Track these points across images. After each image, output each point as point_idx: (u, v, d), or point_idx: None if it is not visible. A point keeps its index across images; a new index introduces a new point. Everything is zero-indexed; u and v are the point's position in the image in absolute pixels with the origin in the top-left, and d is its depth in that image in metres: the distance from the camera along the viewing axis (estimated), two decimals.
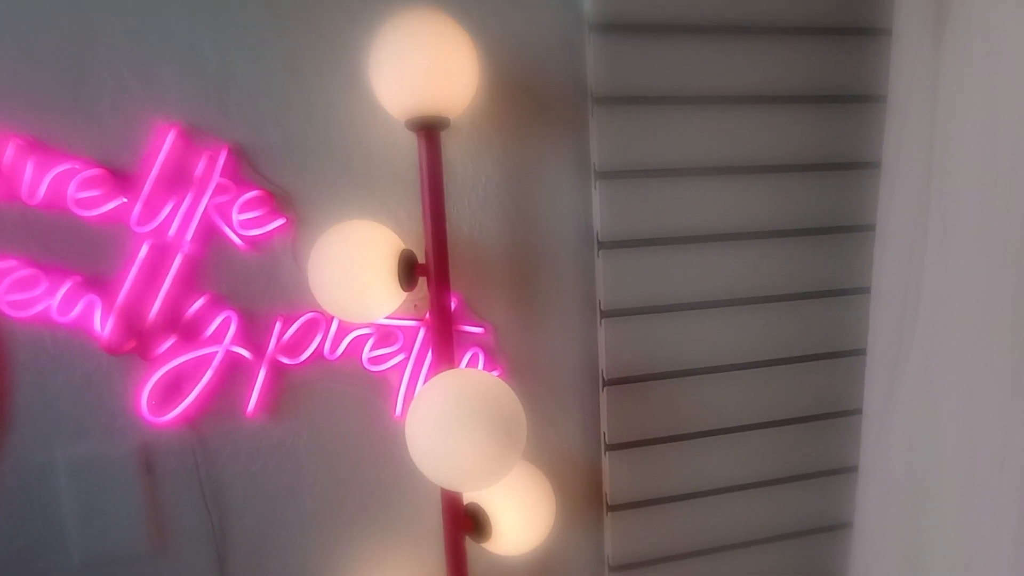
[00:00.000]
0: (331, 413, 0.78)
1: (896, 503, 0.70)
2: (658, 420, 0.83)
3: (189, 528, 0.77)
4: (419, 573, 0.83)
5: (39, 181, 0.67)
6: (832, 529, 0.92)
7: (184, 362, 0.72)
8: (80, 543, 0.74)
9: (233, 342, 0.73)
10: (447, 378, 0.61)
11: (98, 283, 0.70)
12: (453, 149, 0.76)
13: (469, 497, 0.74)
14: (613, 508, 0.84)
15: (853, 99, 0.82)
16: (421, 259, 0.70)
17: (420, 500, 0.81)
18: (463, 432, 0.57)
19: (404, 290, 0.68)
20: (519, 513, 0.75)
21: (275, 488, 0.78)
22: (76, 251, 0.69)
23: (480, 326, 0.79)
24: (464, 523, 0.73)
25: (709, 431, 0.85)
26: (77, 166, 0.67)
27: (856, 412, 0.87)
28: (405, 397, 0.78)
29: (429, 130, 0.66)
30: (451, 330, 0.70)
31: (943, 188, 0.61)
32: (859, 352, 0.86)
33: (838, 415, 0.89)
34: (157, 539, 0.76)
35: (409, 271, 0.68)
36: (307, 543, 0.80)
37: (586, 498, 0.86)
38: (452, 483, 0.61)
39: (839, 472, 0.90)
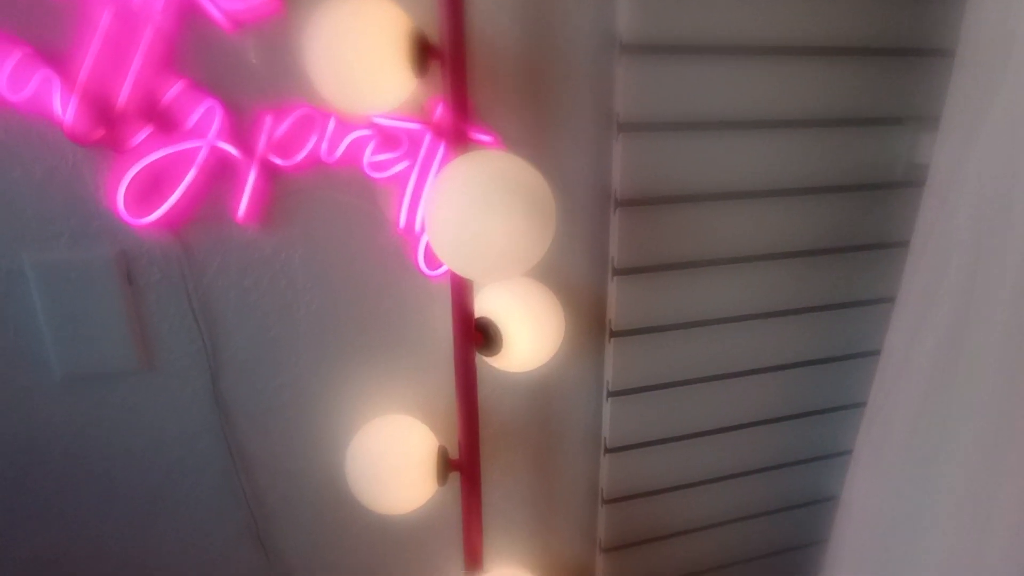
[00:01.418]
0: (329, 224, 0.72)
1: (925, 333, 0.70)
2: (669, 246, 0.81)
3: (178, 344, 0.72)
4: (421, 394, 0.82)
5: None
6: (847, 358, 0.95)
7: (164, 157, 0.64)
8: (61, 358, 0.69)
9: (218, 137, 0.65)
10: (471, 158, 0.56)
11: (54, 57, 0.60)
12: None
13: (479, 311, 0.71)
14: (616, 334, 0.83)
15: None
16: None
17: (424, 317, 0.78)
18: (493, 210, 0.52)
19: (415, 75, 0.61)
20: (529, 327, 0.73)
21: (269, 305, 0.73)
22: (23, 15, 0.58)
23: (489, 135, 0.73)
24: (475, 336, 0.71)
25: (720, 260, 0.83)
26: None
27: (876, 246, 0.88)
28: (409, 208, 0.73)
29: None
30: (467, 124, 0.64)
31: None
32: (887, 185, 0.85)
33: (854, 249, 0.89)
34: (144, 355, 0.71)
35: (422, 52, 0.61)
36: (303, 363, 0.77)
37: (589, 323, 0.85)
38: (480, 270, 0.57)
39: (852, 306, 0.91)
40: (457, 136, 0.64)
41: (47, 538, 0.75)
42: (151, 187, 0.65)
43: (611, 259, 0.81)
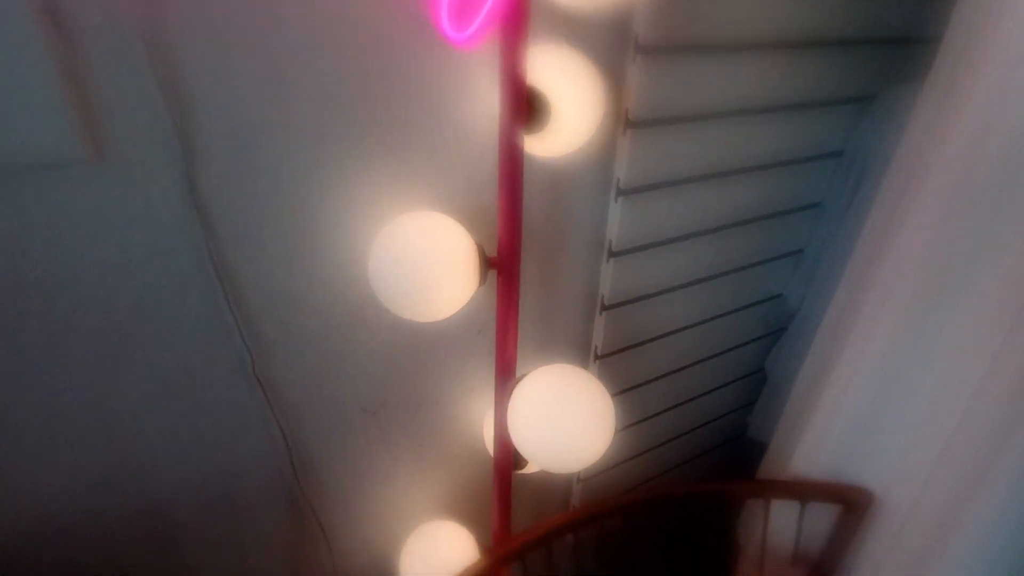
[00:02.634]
0: None
1: None
2: (693, 25, 0.75)
3: (137, 124, 0.53)
4: (440, 187, 0.71)
5: None
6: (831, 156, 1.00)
7: None
8: None
9: None
10: None
11: None
12: None
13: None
14: (633, 125, 0.78)
15: None
16: None
17: (445, 93, 0.66)
18: None
19: None
20: (575, 99, 0.65)
21: (258, 71, 0.56)
22: None
23: None
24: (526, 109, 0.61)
25: (742, 44, 0.80)
26: None
27: (895, 40, 0.90)
28: None
29: None
30: None
31: None
32: None
33: (874, 42, 0.90)
34: (88, 138, 0.52)
35: None
36: (303, 154, 0.62)
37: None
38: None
39: (852, 101, 0.94)
40: None
41: None
42: None
43: (635, 36, 0.74)
